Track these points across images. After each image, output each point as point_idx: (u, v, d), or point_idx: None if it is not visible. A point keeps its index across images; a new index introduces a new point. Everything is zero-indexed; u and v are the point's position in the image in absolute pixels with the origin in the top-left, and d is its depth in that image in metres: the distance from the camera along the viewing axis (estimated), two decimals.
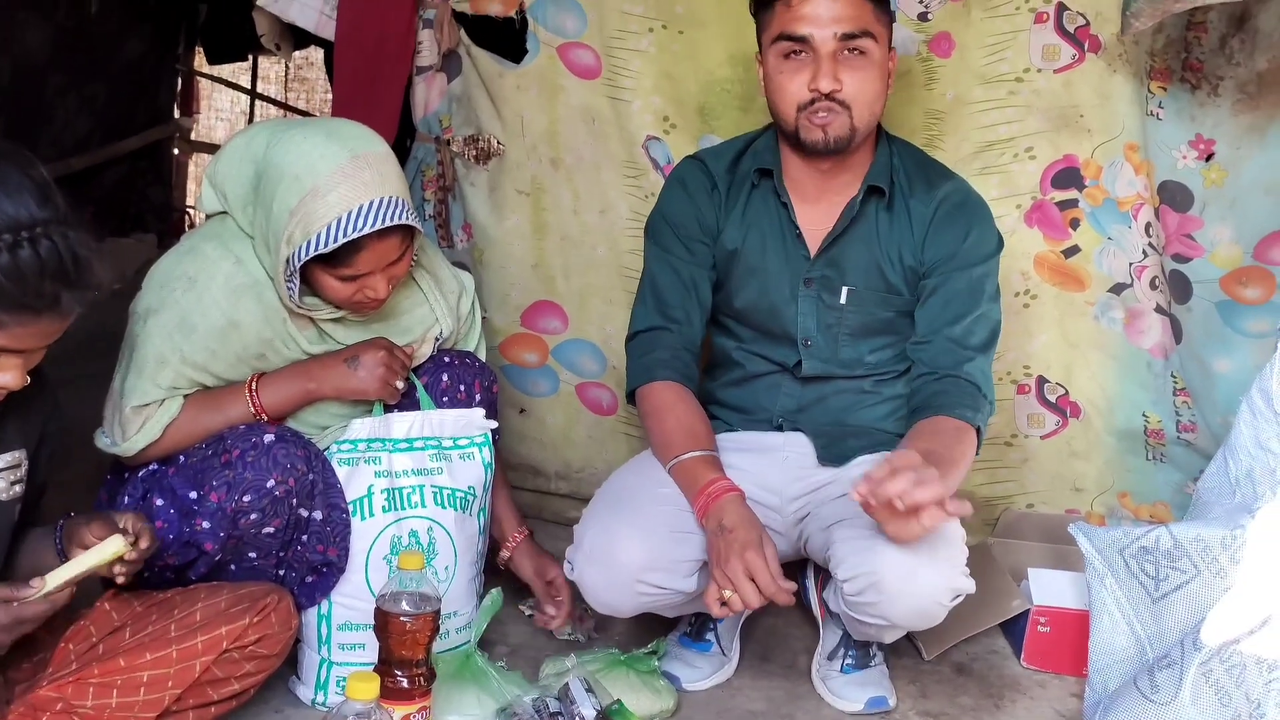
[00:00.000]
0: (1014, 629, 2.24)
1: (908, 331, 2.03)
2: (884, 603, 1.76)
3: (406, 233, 1.82)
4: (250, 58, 6.74)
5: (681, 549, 1.85)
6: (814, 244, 2.02)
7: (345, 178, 1.74)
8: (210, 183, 1.90)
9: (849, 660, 2.03)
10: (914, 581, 1.74)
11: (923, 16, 2.37)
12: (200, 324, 1.82)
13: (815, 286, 2.03)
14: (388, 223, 1.74)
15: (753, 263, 2.05)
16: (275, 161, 1.77)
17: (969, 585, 1.80)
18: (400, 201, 1.77)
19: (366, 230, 1.73)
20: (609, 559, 1.83)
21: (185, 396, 1.85)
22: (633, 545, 1.81)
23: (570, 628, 2.15)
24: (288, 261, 1.76)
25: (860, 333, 2.04)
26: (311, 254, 1.73)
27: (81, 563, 1.50)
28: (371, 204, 1.73)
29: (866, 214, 2.01)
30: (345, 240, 1.73)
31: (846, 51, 1.89)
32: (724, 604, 1.75)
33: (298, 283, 1.80)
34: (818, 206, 2.02)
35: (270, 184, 1.77)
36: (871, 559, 1.74)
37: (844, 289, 2.02)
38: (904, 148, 2.09)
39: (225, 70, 6.87)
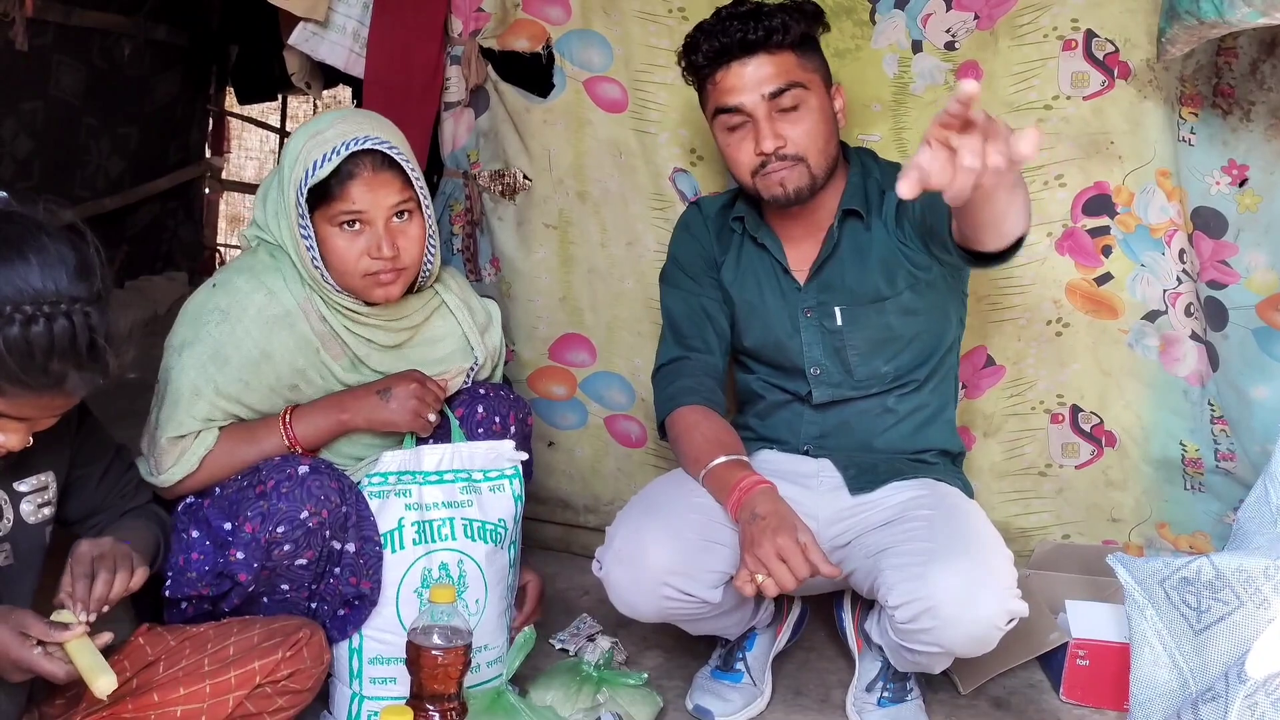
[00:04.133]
0: (1052, 662, 2.21)
1: (912, 332, 2.05)
2: (938, 628, 1.74)
3: (409, 189, 1.87)
4: (279, 97, 6.84)
5: (710, 558, 1.85)
6: (803, 276, 2.07)
7: (347, 119, 1.87)
8: (260, 196, 1.98)
9: (886, 693, 2.01)
10: (971, 606, 1.73)
11: (949, 46, 2.37)
12: (234, 356, 1.84)
13: (814, 314, 2.06)
14: (379, 148, 1.82)
15: (753, 303, 2.10)
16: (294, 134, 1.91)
17: (1023, 608, 1.79)
18: (399, 150, 1.85)
19: (355, 148, 1.80)
20: (637, 559, 1.83)
21: (220, 429, 1.86)
22: (661, 547, 1.82)
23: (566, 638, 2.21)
24: (297, 204, 1.82)
25: (867, 347, 2.05)
26: (311, 180, 1.80)
27: (80, 653, 1.46)
28: (368, 137, 1.83)
29: (846, 235, 2.05)
30: (339, 159, 1.79)
31: (779, 111, 1.93)
32: (758, 590, 1.74)
33: (311, 234, 1.84)
34: (804, 243, 2.07)
35: (286, 151, 1.89)
36: (925, 585, 1.73)
37: (836, 310, 2.04)
38: (869, 158, 2.12)
39: (255, 110, 6.95)
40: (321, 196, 1.83)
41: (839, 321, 2.04)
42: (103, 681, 1.45)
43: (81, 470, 1.70)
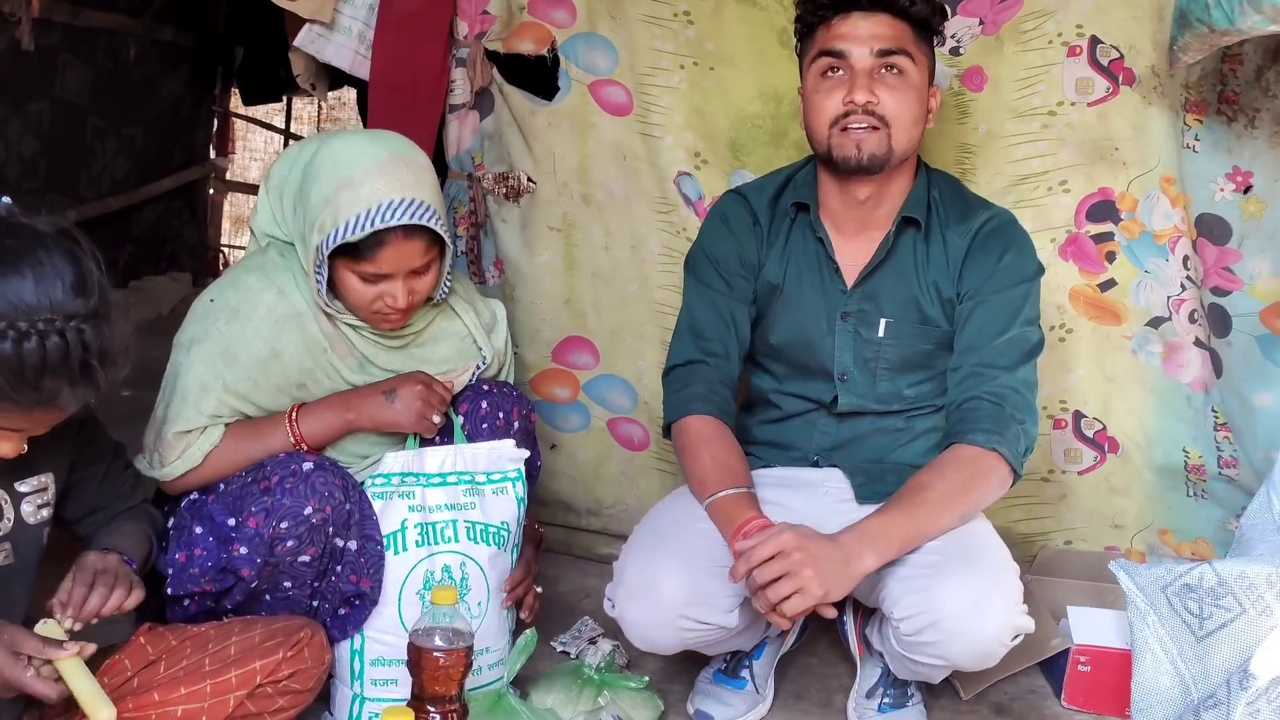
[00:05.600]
0: (1054, 668, 2.20)
1: (943, 366, 2.01)
2: (943, 642, 1.73)
3: (434, 244, 1.84)
4: (284, 98, 6.85)
5: (723, 584, 1.82)
6: (851, 277, 2.02)
7: (381, 172, 1.79)
8: (264, 189, 1.96)
9: (887, 699, 2.00)
10: (977, 621, 1.72)
11: (954, 51, 2.38)
12: (243, 354, 1.85)
13: (852, 320, 2.02)
14: (414, 220, 1.77)
15: (791, 296, 2.05)
16: (320, 158, 1.84)
17: (1029, 624, 1.78)
18: (431, 208, 1.80)
19: (393, 223, 1.76)
20: (651, 594, 1.80)
21: (226, 425, 1.87)
22: (675, 580, 1.79)
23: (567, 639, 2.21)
24: (317, 250, 1.79)
25: (899, 367, 2.02)
26: (339, 241, 1.77)
27: (75, 676, 1.46)
28: (402, 200, 1.77)
29: (903, 246, 2.01)
30: (372, 230, 1.75)
31: (884, 70, 1.90)
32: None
33: (325, 275, 1.82)
34: (856, 240, 2.02)
35: (311, 177, 1.83)
36: (931, 598, 1.72)
37: (881, 321, 2.01)
38: (943, 179, 2.08)
39: (259, 111, 6.96)
40: (348, 247, 1.80)
41: (880, 333, 2.00)
42: (105, 713, 1.44)
43: (83, 472, 1.71)
